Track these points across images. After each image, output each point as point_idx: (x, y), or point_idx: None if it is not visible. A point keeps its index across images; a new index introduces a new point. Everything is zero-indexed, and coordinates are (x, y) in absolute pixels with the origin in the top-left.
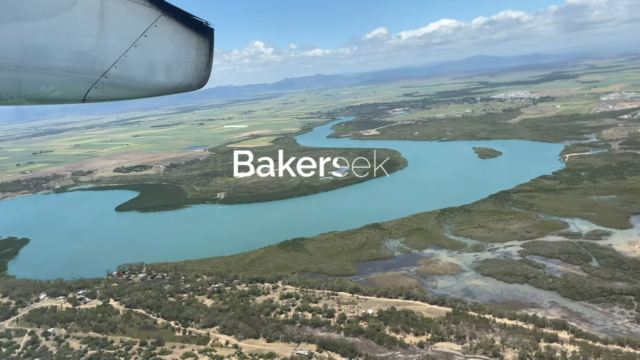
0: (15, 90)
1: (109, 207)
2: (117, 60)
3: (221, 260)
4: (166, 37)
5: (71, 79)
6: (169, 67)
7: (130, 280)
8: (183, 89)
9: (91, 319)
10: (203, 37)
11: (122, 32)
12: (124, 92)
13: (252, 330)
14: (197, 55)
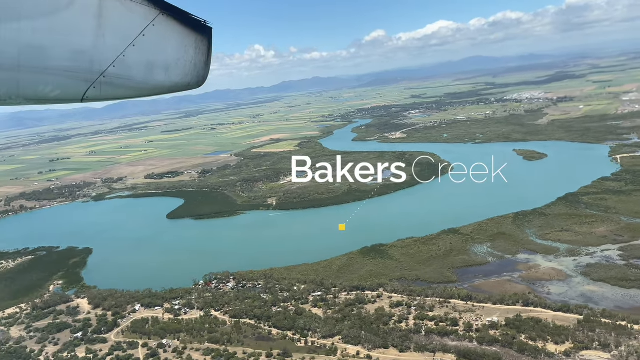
0: (13, 90)
1: (158, 215)
2: (115, 60)
3: (307, 267)
4: (164, 36)
5: (69, 78)
6: (167, 66)
7: (221, 289)
8: (182, 88)
9: (200, 330)
10: (201, 36)
11: (120, 31)
12: (122, 92)
13: (378, 340)
14: (196, 54)
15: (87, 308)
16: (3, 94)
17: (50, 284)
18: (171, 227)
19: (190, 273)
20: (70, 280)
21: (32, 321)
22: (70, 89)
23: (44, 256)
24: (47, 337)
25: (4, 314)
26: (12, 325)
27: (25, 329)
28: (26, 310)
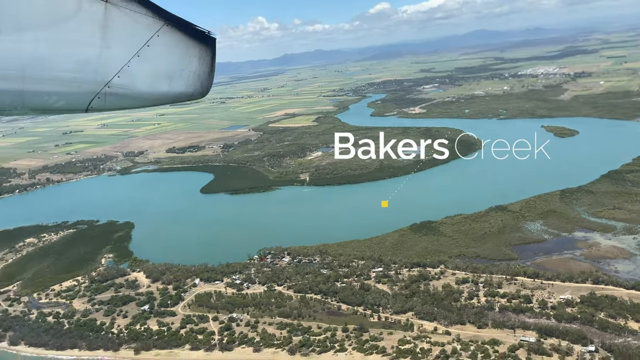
0: (18, 100)
1: (191, 189)
2: (120, 70)
3: (359, 244)
4: (169, 46)
5: (74, 89)
6: (171, 76)
7: (277, 264)
8: (185, 98)
9: (267, 304)
10: (205, 47)
11: (125, 42)
12: (126, 102)
13: (453, 316)
14: (200, 65)
15: (145, 282)
16: (8, 104)
17: (101, 257)
18: (207, 202)
19: (241, 248)
20: (121, 254)
21: (93, 294)
22: (75, 99)
23: (85, 230)
24: (113, 309)
25: (61, 286)
26: (73, 298)
27: (89, 301)
28: (84, 283)
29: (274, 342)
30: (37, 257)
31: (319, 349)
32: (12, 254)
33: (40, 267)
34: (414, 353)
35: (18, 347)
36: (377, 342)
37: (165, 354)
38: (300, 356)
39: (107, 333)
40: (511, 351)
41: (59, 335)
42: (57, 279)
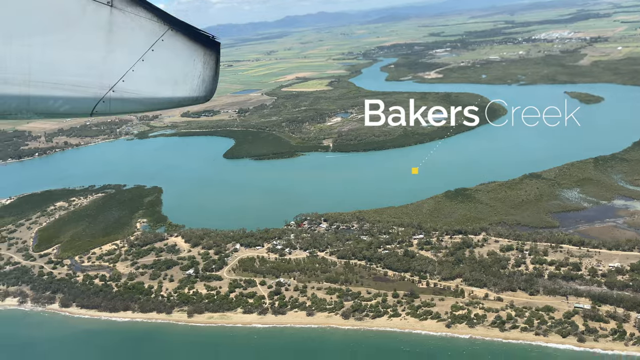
0: (24, 105)
1: (213, 154)
2: (124, 75)
3: (395, 210)
4: (173, 51)
5: (79, 93)
6: (175, 81)
7: (315, 230)
8: (189, 103)
9: (312, 269)
10: (209, 51)
11: (129, 46)
12: (131, 106)
13: (503, 283)
14: (204, 69)
15: (185, 246)
16: (14, 108)
17: (135, 221)
18: (233, 167)
19: (275, 214)
20: (155, 219)
21: (135, 258)
22: (80, 103)
23: (114, 194)
24: (158, 273)
25: (102, 250)
26: (116, 262)
27: (132, 265)
28: (124, 247)
29: (325, 307)
30: (71, 220)
31: (372, 314)
32: (45, 218)
33: (77, 231)
34: (468, 319)
35: (69, 309)
36: (429, 307)
37: (218, 316)
38: (354, 320)
39: (156, 296)
40: (567, 318)
41: (109, 297)
42: (95, 242)
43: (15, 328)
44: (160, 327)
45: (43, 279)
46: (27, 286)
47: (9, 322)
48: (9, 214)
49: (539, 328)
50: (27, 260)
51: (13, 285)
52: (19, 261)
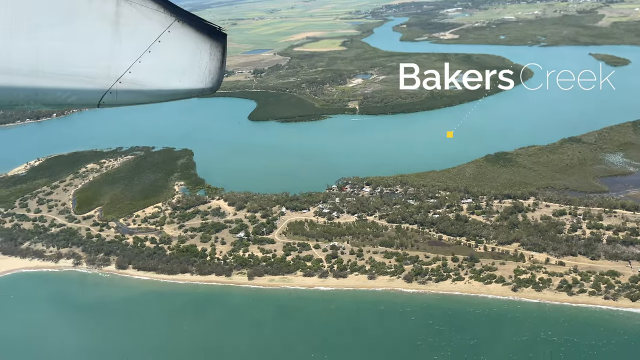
0: (31, 95)
1: (237, 116)
2: (131, 66)
3: (437, 175)
4: (180, 42)
5: (86, 84)
6: (182, 72)
7: (359, 194)
8: (196, 94)
9: (364, 233)
10: (216, 42)
11: (136, 37)
12: (138, 97)
13: (563, 248)
14: (210, 61)
15: (229, 209)
16: (21, 99)
17: (172, 183)
18: (260, 129)
19: (314, 177)
20: (192, 181)
21: (181, 220)
22: (87, 94)
23: (144, 156)
24: (208, 236)
25: (145, 212)
26: (162, 225)
27: (179, 228)
28: (167, 210)
29: (386, 271)
30: (106, 183)
31: (434, 278)
32: (79, 180)
33: (115, 193)
34: (534, 283)
35: (127, 271)
36: (491, 272)
37: (278, 279)
38: (417, 284)
39: (212, 259)
40: (633, 282)
41: (164, 260)
42: (137, 205)
43: (80, 289)
44: (223, 289)
45: (93, 241)
46: (77, 248)
47: (71, 283)
48: (41, 175)
49: (607, 292)
50: (71, 222)
51: (64, 247)
52: (64, 223)
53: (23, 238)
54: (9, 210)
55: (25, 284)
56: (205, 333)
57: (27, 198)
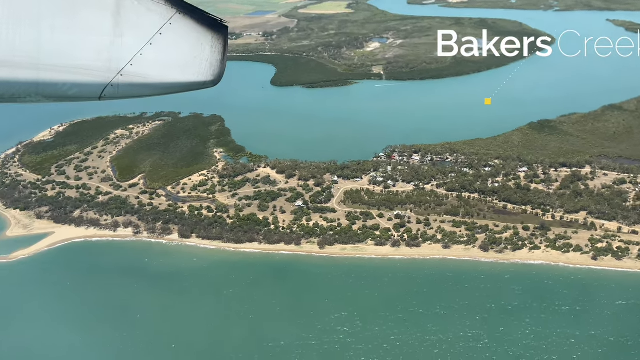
0: (33, 88)
1: (259, 81)
2: (132, 58)
3: (484, 142)
4: (181, 35)
5: (88, 77)
6: (183, 64)
7: (410, 162)
8: (197, 87)
9: (425, 202)
10: (217, 35)
11: (137, 30)
12: (139, 90)
13: (634, 216)
14: (212, 53)
15: (279, 177)
16: (22, 92)
17: (211, 151)
18: (286, 95)
19: (355, 144)
20: (231, 149)
21: (232, 189)
22: (89, 87)
23: (173, 122)
24: (265, 205)
25: (191, 180)
26: (213, 193)
27: (232, 196)
28: (213, 178)
29: (459, 240)
30: (142, 149)
31: (510, 247)
32: (112, 146)
33: (153, 161)
34: (612, 252)
35: (191, 240)
36: (566, 240)
37: (350, 248)
38: (494, 253)
39: (276, 228)
40: None
41: (227, 229)
42: (180, 172)
43: (150, 257)
44: (296, 258)
45: (146, 210)
46: (132, 216)
47: (140, 252)
48: (69, 141)
49: None
50: (117, 190)
51: (118, 216)
52: (110, 191)
53: (72, 206)
54: (47, 178)
55: (93, 252)
56: (288, 301)
57: (62, 165)
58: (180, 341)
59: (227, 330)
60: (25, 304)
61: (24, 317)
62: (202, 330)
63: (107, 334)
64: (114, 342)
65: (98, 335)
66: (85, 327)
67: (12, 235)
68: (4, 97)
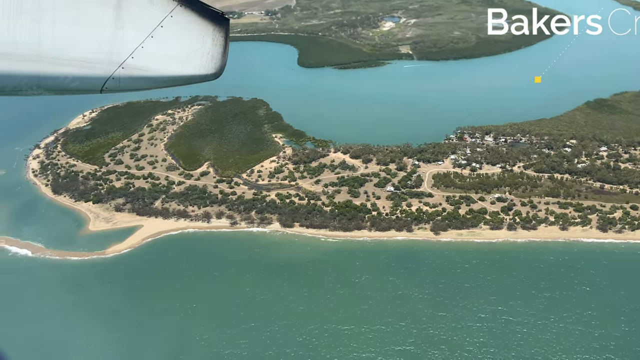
0: (34, 81)
1: (284, 63)
2: (134, 51)
3: (549, 122)
4: (182, 27)
5: (89, 70)
6: (185, 57)
7: (484, 144)
8: (198, 80)
9: (517, 184)
10: (218, 27)
11: (139, 23)
12: (140, 83)
13: None
14: (213, 46)
15: (355, 162)
16: (24, 84)
17: (270, 135)
18: (319, 77)
19: (419, 127)
20: (290, 133)
21: (312, 175)
22: (90, 80)
23: (213, 106)
24: (355, 191)
25: (264, 167)
26: (293, 180)
27: (315, 183)
28: (287, 164)
29: (573, 221)
30: (194, 136)
31: (627, 227)
32: (159, 132)
33: (214, 147)
34: None
35: (294, 229)
36: None
37: (466, 233)
38: (614, 233)
39: (379, 214)
40: None
41: (328, 217)
42: (248, 159)
43: (261, 248)
44: (415, 244)
45: (231, 199)
46: (219, 206)
47: (245, 243)
48: (110, 128)
49: None
50: (189, 180)
51: (203, 206)
52: (182, 180)
53: (149, 197)
54: (105, 168)
55: (197, 243)
56: (430, 286)
57: (115, 154)
58: (353, 332)
59: (391, 316)
60: (154, 297)
61: (165, 309)
62: (363, 320)
63: (258, 328)
64: (275, 337)
65: (251, 330)
66: (234, 319)
67: (97, 229)
68: (5, 89)
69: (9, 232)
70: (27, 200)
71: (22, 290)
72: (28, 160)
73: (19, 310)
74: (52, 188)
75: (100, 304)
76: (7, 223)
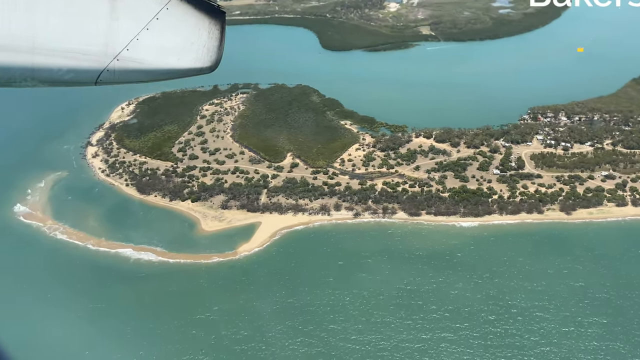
0: (28, 73)
1: (305, 46)
2: (129, 43)
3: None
4: (178, 20)
5: (84, 61)
6: (180, 50)
7: (561, 123)
8: (194, 73)
9: (619, 161)
10: (214, 20)
11: (134, 14)
12: (135, 75)
13: None
14: (209, 39)
15: (442, 146)
16: (18, 76)
17: (339, 122)
18: (353, 60)
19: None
20: (359, 120)
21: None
22: (84, 72)
23: (261, 94)
24: (463, 176)
25: (351, 156)
26: (390, 167)
27: (415, 169)
28: (374, 152)
29: None
30: (257, 126)
31: None
32: (215, 123)
33: (287, 137)
34: None
35: (422, 218)
36: None
37: (596, 212)
38: None
39: (500, 198)
40: None
41: (450, 203)
42: (331, 148)
43: (402, 238)
44: (553, 226)
45: (339, 190)
46: (330, 198)
47: (381, 234)
48: (161, 120)
49: None
50: (281, 172)
51: (314, 199)
52: (275, 174)
53: (251, 193)
54: (180, 164)
55: (329, 236)
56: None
57: (183, 148)
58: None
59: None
60: (316, 291)
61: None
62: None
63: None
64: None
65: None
66: (419, 310)
67: (212, 229)
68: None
69: (115, 236)
70: (115, 202)
71: (182, 299)
72: (87, 158)
73: (204, 317)
74: (137, 188)
75: (271, 302)
76: (108, 228)
